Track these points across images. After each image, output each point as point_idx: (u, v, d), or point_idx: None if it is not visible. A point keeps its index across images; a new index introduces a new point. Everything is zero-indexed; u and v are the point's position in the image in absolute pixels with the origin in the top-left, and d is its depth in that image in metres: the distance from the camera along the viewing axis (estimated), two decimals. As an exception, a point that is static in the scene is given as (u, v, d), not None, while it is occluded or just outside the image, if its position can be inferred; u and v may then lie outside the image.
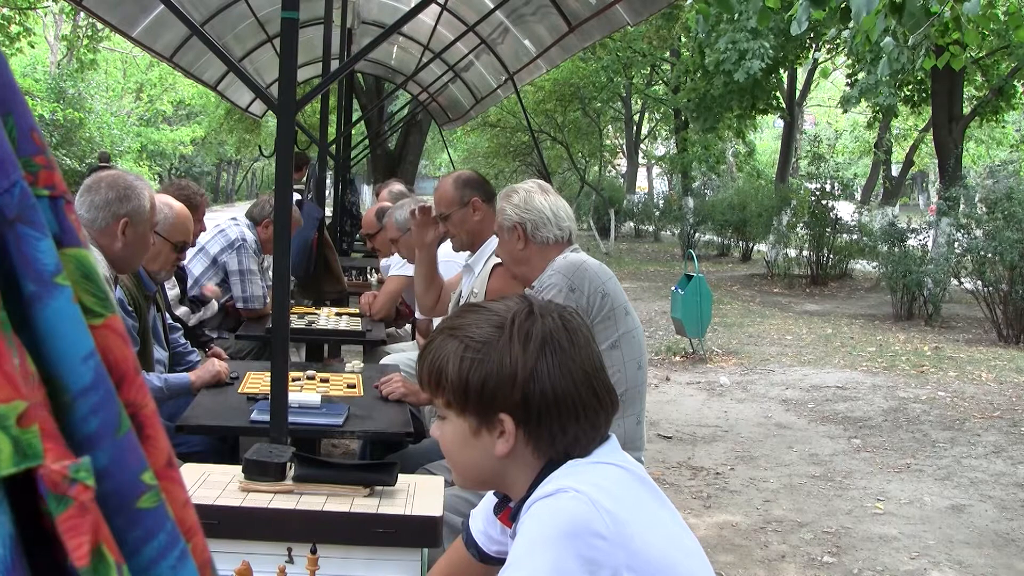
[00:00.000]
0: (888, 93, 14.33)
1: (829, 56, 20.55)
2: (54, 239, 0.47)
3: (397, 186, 6.21)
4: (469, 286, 3.39)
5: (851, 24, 5.51)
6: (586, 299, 2.67)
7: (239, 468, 2.06)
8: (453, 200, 3.37)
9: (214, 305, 4.52)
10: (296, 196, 5.24)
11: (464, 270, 3.52)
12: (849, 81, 17.60)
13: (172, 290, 4.11)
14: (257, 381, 3.12)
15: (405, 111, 14.64)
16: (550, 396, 1.29)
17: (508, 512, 1.42)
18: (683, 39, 18.61)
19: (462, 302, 3.42)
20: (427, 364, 1.36)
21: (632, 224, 26.97)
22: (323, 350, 4.86)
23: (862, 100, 14.96)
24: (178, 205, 3.40)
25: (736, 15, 13.52)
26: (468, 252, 3.50)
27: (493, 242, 3.34)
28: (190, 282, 4.46)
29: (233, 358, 4.15)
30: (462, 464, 1.40)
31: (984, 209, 10.80)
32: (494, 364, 1.29)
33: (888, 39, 5.91)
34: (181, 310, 4.13)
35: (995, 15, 8.18)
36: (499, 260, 3.21)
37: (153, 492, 0.48)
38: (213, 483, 2.02)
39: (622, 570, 1.20)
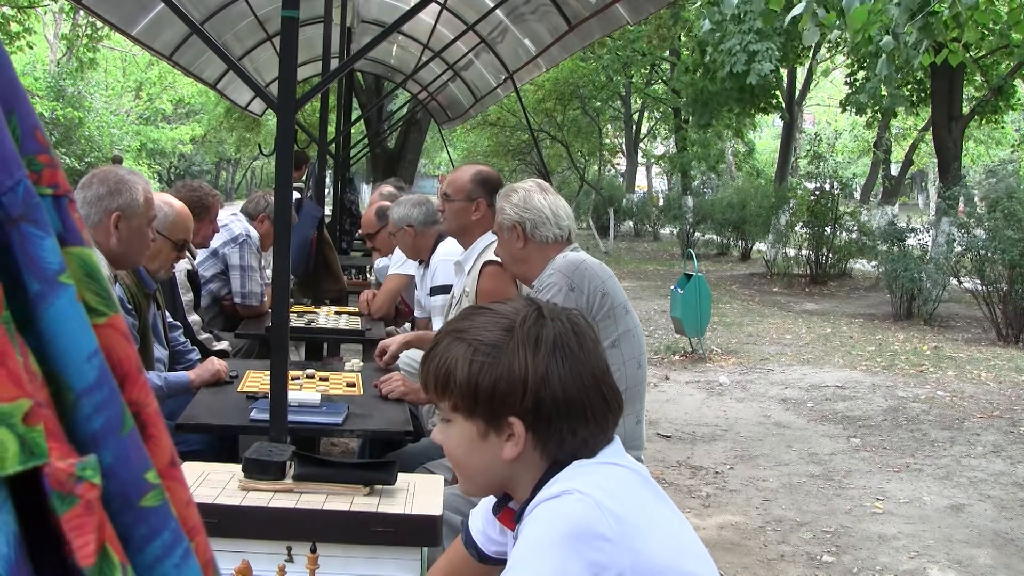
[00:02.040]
0: (891, 94, 14.29)
1: (829, 55, 20.55)
2: (57, 238, 0.47)
3: (387, 188, 6.21)
4: (461, 285, 3.39)
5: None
6: (586, 298, 2.67)
7: (239, 467, 2.06)
8: (462, 190, 3.42)
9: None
10: (296, 195, 5.24)
11: (455, 268, 3.54)
12: (849, 80, 17.59)
13: (186, 295, 4.09)
14: (257, 380, 3.12)
15: (405, 110, 14.64)
16: (561, 400, 1.29)
17: (509, 513, 1.42)
18: (683, 39, 18.60)
19: (454, 302, 3.42)
20: (434, 367, 1.34)
21: (631, 223, 26.98)
22: (322, 349, 4.86)
23: (870, 103, 14.87)
24: (178, 204, 3.40)
25: (741, 15, 13.53)
26: (461, 249, 3.52)
27: (483, 241, 3.35)
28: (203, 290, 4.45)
29: (233, 357, 4.14)
30: (469, 468, 1.38)
31: (984, 208, 10.80)
32: (505, 368, 1.28)
33: (887, 38, 5.92)
34: (193, 318, 4.11)
35: (995, 12, 8.18)
36: (488, 259, 3.23)
37: (157, 491, 0.48)
38: (213, 482, 2.02)
39: (627, 572, 1.20)
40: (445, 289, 3.79)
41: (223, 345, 4.16)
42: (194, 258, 4.39)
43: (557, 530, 1.20)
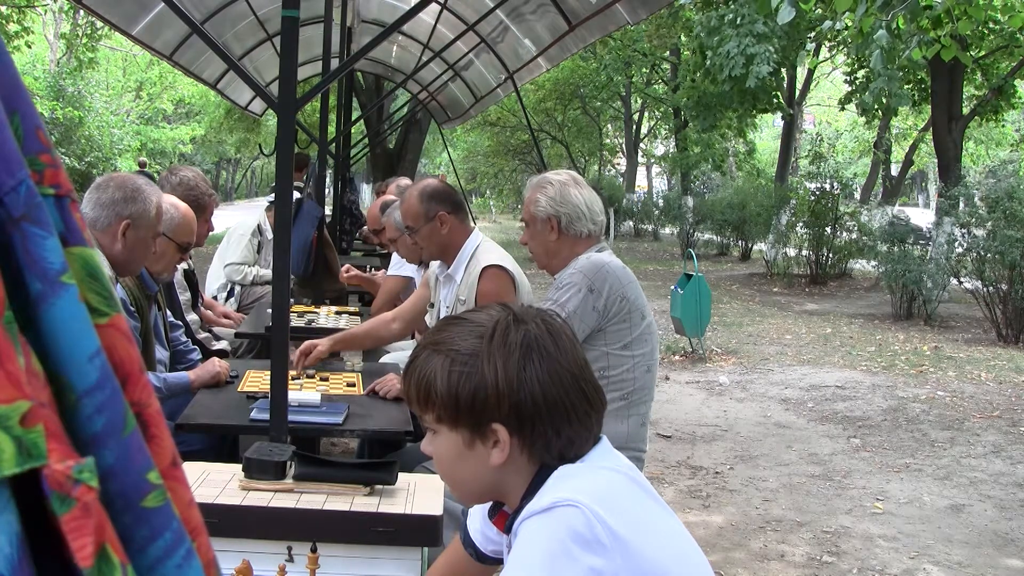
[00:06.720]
0: (895, 93, 14.26)
1: (830, 55, 20.55)
2: (59, 238, 0.47)
3: (404, 180, 6.20)
4: (453, 295, 3.33)
5: (846, 14, 5.50)
6: (604, 302, 2.69)
7: (239, 467, 2.06)
8: (419, 214, 3.33)
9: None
10: (296, 194, 5.23)
11: (444, 280, 3.43)
12: (849, 79, 17.58)
13: (183, 294, 4.09)
14: (257, 380, 3.12)
15: (405, 110, 14.65)
16: (541, 402, 1.29)
17: (504, 517, 1.42)
18: (683, 39, 18.62)
19: (442, 312, 3.38)
20: (414, 381, 1.34)
21: (631, 223, 27.00)
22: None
23: (877, 102, 14.80)
24: (184, 206, 3.40)
25: (738, 19, 13.53)
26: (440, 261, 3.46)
27: (468, 248, 3.31)
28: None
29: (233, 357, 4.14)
30: (459, 478, 1.39)
31: (985, 208, 10.80)
32: (483, 375, 1.28)
33: (881, 31, 5.89)
34: (191, 317, 4.11)
35: (990, 5, 8.17)
36: (489, 263, 3.19)
37: (159, 491, 0.48)
38: (213, 482, 2.02)
39: (622, 574, 1.20)
40: None
41: (222, 344, 4.16)
42: (190, 258, 4.39)
43: (550, 543, 1.19)
